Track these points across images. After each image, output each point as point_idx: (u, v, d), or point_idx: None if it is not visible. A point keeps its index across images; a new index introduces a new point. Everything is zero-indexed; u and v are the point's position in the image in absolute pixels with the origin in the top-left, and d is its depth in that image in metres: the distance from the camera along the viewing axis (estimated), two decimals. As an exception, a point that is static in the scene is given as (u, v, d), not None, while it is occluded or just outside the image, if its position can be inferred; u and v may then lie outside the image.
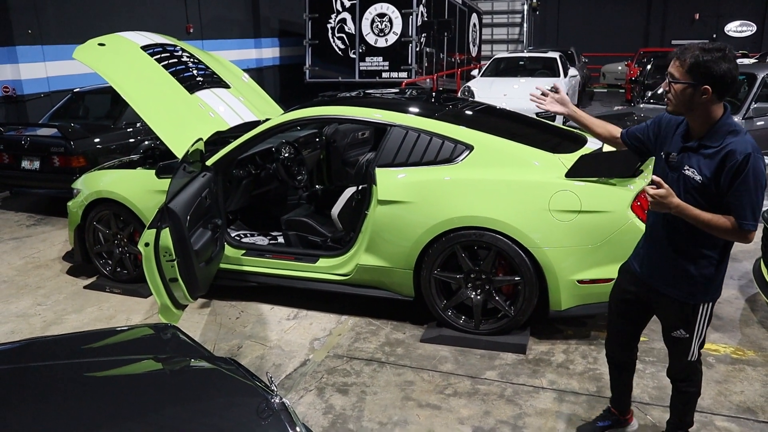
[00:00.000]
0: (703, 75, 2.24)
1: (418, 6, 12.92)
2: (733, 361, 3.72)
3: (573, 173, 3.71)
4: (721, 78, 2.24)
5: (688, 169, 2.37)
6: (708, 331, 2.76)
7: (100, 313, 4.56)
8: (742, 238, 2.32)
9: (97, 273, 5.09)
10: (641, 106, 8.95)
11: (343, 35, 13.39)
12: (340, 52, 13.48)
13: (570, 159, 3.80)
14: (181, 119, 4.74)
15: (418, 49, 13.14)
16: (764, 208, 4.28)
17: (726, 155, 2.27)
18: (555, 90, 2.85)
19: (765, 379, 3.53)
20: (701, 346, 2.62)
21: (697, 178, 2.33)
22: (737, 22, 26.46)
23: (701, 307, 2.53)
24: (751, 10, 26.07)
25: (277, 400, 1.90)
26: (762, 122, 7.50)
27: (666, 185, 2.29)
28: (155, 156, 5.21)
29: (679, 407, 2.79)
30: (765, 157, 6.30)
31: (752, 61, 17.47)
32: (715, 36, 25.39)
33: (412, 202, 3.91)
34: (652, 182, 2.31)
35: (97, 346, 2.43)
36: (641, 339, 2.97)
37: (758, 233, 5.25)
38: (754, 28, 26.29)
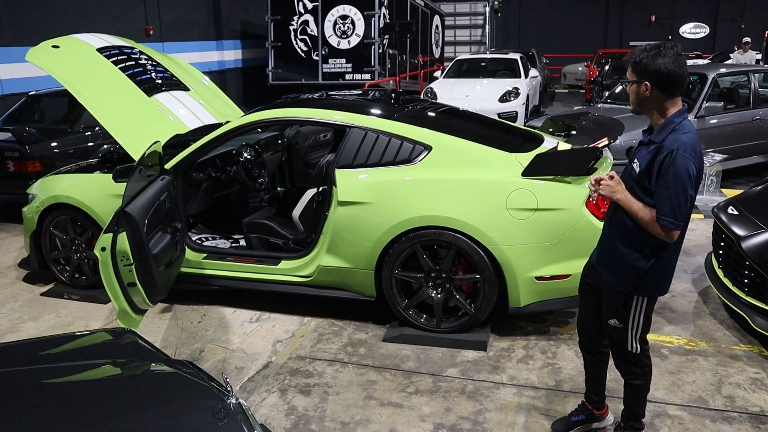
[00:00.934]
0: (642, 72, 2.41)
1: (380, 8, 12.97)
2: (686, 352, 3.84)
3: (529, 172, 3.78)
4: (656, 72, 2.37)
5: (634, 161, 2.52)
6: (661, 324, 2.85)
7: (57, 320, 4.48)
8: (664, 234, 2.40)
9: (55, 280, 5.00)
10: (599, 105, 9.15)
11: (306, 37, 13.37)
12: (303, 54, 13.45)
13: (526, 158, 3.87)
14: (139, 122, 4.69)
15: (380, 50, 13.19)
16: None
17: (658, 150, 2.40)
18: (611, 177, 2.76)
19: (716, 368, 3.65)
20: (641, 340, 2.67)
21: (637, 170, 2.48)
22: (691, 24, 27.20)
23: (634, 300, 2.60)
24: (704, 12, 26.85)
25: (233, 401, 1.90)
26: (714, 120, 7.75)
27: (617, 176, 2.51)
28: (114, 160, 5.14)
29: (628, 398, 2.86)
30: (715, 157, 6.35)
31: (706, 61, 17.97)
32: (670, 37, 26.07)
33: (372, 202, 3.94)
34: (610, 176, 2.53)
35: (54, 352, 2.40)
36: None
37: (709, 227, 5.43)
38: (707, 29, 27.07)
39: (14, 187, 6.52)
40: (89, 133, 7.21)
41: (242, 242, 4.85)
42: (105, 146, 7.04)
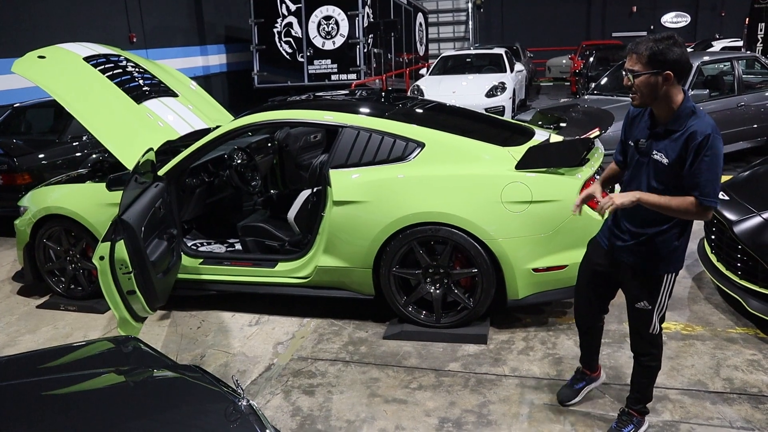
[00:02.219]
0: (662, 62, 2.39)
1: (363, 7, 12.98)
2: (684, 336, 3.88)
3: (523, 165, 3.81)
4: (678, 62, 2.40)
5: (656, 154, 2.52)
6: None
7: (55, 332, 4.46)
8: (702, 215, 2.46)
9: (50, 291, 4.97)
10: (586, 97, 9.20)
11: (290, 39, 13.35)
12: (288, 57, 13.43)
13: (519, 151, 3.90)
14: (129, 130, 4.67)
15: (365, 50, 13.19)
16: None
17: (689, 136, 2.41)
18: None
19: (713, 352, 3.69)
20: (662, 319, 2.77)
21: (665, 161, 2.49)
22: (672, 13, 27.40)
23: (665, 278, 2.67)
24: (684, 1, 27.04)
25: (244, 403, 1.91)
26: (700, 108, 7.79)
27: (606, 196, 2.54)
28: (104, 169, 5.12)
29: (641, 381, 2.91)
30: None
31: (689, 50, 18.06)
32: (652, 27, 26.25)
33: (367, 201, 3.95)
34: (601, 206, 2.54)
35: (54, 364, 2.38)
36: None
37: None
38: (689, 18, 27.28)
39: (3, 200, 6.48)
40: (77, 143, 7.17)
41: (238, 246, 4.85)
42: (94, 155, 7.01)
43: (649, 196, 2.49)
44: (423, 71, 14.50)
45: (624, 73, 2.50)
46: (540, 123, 5.05)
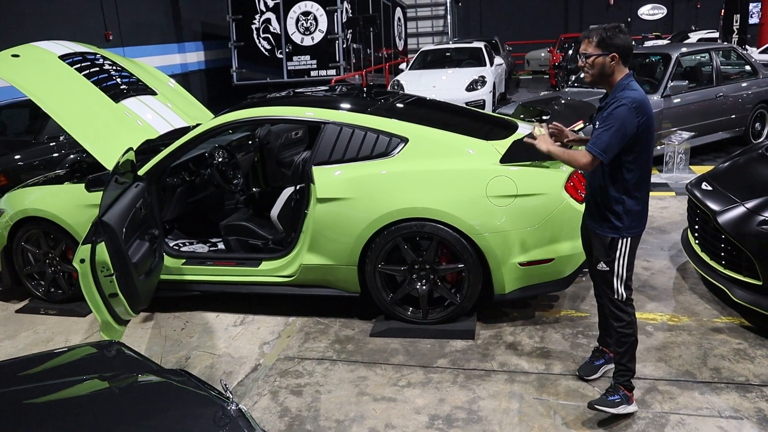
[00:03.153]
0: (609, 45, 2.81)
1: (342, 3, 12.91)
2: (670, 327, 3.90)
3: (507, 159, 3.80)
4: (622, 46, 2.82)
5: (597, 123, 2.90)
6: (644, 302, 2.97)
7: (36, 336, 4.37)
8: (586, 163, 2.80)
9: (30, 295, 4.87)
10: (566, 90, 9.24)
11: (269, 35, 13.24)
12: (266, 53, 13.32)
13: (503, 145, 3.89)
14: (107, 130, 4.58)
15: (345, 45, 13.13)
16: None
17: (611, 103, 2.81)
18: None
19: (700, 342, 3.71)
20: (627, 288, 2.99)
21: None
22: (649, 6, 27.65)
23: (619, 242, 2.94)
24: (660, -7, 27.28)
25: (233, 407, 1.87)
26: (678, 99, 7.88)
27: (562, 131, 3.11)
28: (83, 169, 5.02)
29: (616, 348, 3.06)
30: (683, 135, 6.56)
31: (666, 41, 18.28)
32: (629, 19, 26.47)
33: (352, 198, 3.91)
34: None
35: (36, 371, 2.31)
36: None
37: (683, 204, 5.53)
38: (665, 10, 27.56)
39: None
40: (54, 143, 7.04)
41: (221, 245, 4.78)
42: (72, 156, 6.89)
43: (552, 147, 2.93)
44: (402, 66, 14.46)
45: (578, 56, 2.93)
46: (522, 116, 5.04)
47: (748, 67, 8.93)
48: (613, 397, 3.02)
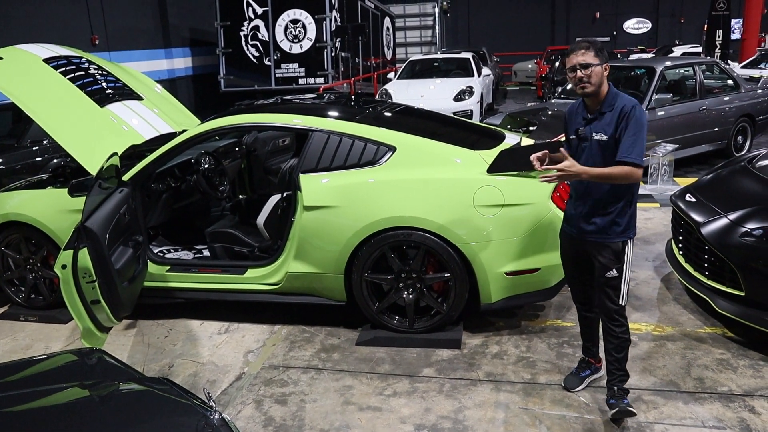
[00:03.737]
0: (604, 56, 2.90)
1: (331, 11, 12.93)
2: (654, 338, 3.92)
3: (494, 168, 3.80)
4: (608, 58, 2.96)
5: (596, 135, 2.92)
6: (629, 312, 3.02)
7: (15, 343, 4.29)
8: (636, 174, 2.80)
9: (9, 301, 4.79)
10: (553, 101, 9.30)
11: (257, 43, 13.23)
12: (254, 60, 13.30)
13: (490, 155, 3.89)
14: (92, 134, 4.53)
15: (333, 54, 13.14)
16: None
17: (620, 110, 2.85)
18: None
19: (684, 352, 3.73)
20: (627, 292, 3.05)
21: (605, 138, 2.88)
22: (634, 20, 28.00)
23: (627, 245, 3.00)
24: (645, 8, 27.68)
25: (217, 416, 1.85)
26: (662, 112, 7.96)
27: (569, 157, 2.83)
28: (66, 174, 4.96)
29: (618, 356, 3.08)
30: (667, 147, 6.67)
31: (650, 55, 18.50)
32: (615, 33, 26.80)
33: (339, 206, 3.90)
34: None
35: (14, 378, 2.27)
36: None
37: (667, 215, 5.57)
38: (650, 25, 27.92)
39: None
40: (37, 147, 6.97)
41: (206, 252, 4.74)
42: (55, 160, 6.81)
43: (591, 169, 2.83)
44: (391, 75, 14.49)
45: (572, 68, 2.88)
46: (509, 126, 5.07)
47: (730, 81, 9.06)
48: (625, 401, 3.06)
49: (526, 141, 4.29)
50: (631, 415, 3.03)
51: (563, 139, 3.98)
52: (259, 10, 13.03)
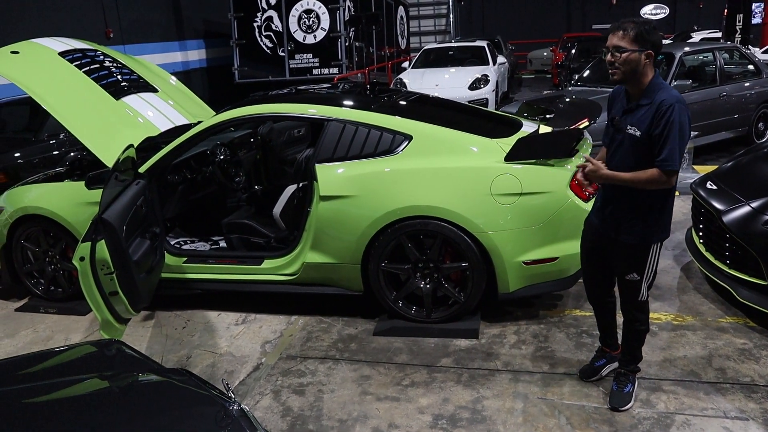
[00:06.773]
0: (645, 41, 2.62)
1: (344, 1, 12.86)
2: (675, 327, 3.87)
3: (512, 157, 3.76)
4: (657, 44, 2.65)
5: (630, 128, 2.71)
6: (649, 300, 2.96)
7: (35, 335, 4.34)
8: (667, 181, 2.64)
9: (29, 294, 4.84)
10: (570, 89, 9.20)
11: (271, 33, 13.20)
12: (268, 51, 13.28)
13: (508, 143, 3.85)
14: (108, 127, 4.55)
15: (347, 44, 13.08)
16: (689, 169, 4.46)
17: (656, 107, 2.62)
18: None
19: (704, 342, 3.68)
20: (650, 286, 2.96)
21: (637, 134, 2.68)
22: (652, 6, 27.61)
23: (652, 248, 2.85)
24: (663, -8, 27.22)
25: (235, 407, 1.84)
26: (682, 98, 7.82)
27: (595, 161, 2.75)
28: (83, 167, 4.99)
29: (631, 343, 3.10)
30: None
31: (668, 41, 18.23)
32: (632, 19, 26.37)
33: (355, 195, 3.88)
34: (586, 160, 2.82)
35: (35, 370, 2.28)
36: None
37: (687, 204, 5.49)
38: (667, 10, 27.51)
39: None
40: (54, 141, 7.00)
41: (222, 244, 4.75)
42: (72, 154, 6.85)
43: (617, 176, 2.70)
44: (405, 65, 14.41)
45: (606, 50, 2.67)
46: (526, 114, 5.00)
47: (751, 67, 8.89)
48: (627, 388, 3.07)
49: (544, 129, 4.23)
50: (619, 411, 3.03)
51: (582, 126, 3.94)
52: (273, 1, 13.00)
